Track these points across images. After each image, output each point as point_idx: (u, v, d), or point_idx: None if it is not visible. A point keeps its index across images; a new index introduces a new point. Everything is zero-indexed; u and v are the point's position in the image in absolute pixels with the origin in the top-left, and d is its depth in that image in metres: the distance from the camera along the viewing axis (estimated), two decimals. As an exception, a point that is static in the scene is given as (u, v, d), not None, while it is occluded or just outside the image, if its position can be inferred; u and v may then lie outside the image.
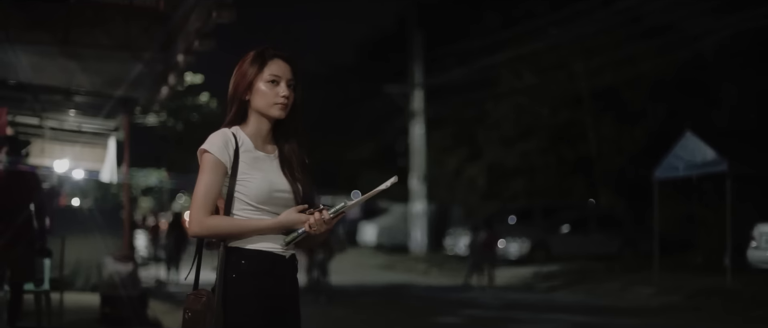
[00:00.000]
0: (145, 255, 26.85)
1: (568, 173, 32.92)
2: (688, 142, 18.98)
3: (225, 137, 3.73)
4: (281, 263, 3.79)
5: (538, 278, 23.31)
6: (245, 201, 3.72)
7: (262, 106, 3.79)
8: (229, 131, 3.77)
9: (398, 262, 30.78)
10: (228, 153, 3.70)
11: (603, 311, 16.35)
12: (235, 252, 3.70)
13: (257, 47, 3.93)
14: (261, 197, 3.71)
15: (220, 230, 3.69)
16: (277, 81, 3.79)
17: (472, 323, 15.01)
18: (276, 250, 3.75)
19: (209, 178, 3.68)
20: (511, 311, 16.42)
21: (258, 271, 3.71)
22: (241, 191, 3.71)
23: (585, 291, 20.14)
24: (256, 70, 3.79)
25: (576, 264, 24.65)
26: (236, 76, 3.84)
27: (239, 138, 3.76)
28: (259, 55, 3.84)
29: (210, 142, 3.72)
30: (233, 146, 3.72)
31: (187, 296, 3.74)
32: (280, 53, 3.86)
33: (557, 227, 28.03)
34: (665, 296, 17.98)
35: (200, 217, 3.67)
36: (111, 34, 11.75)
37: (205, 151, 3.71)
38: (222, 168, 3.69)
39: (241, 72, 3.83)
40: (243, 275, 3.68)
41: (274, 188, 3.74)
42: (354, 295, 19.86)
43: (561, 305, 17.63)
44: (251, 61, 3.82)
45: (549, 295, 20.05)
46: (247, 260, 3.70)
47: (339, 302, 17.51)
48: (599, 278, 21.78)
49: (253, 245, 3.71)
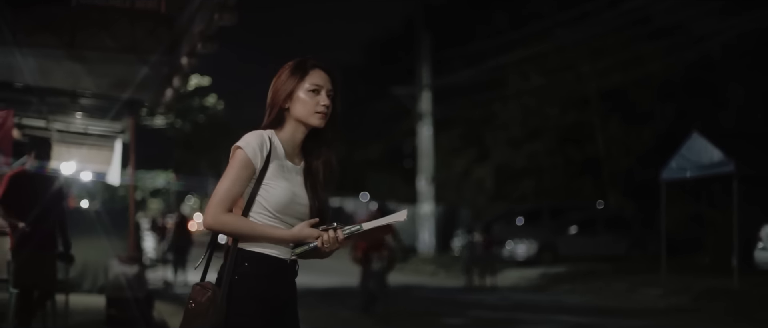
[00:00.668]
0: (153, 257, 26.89)
1: (576, 174, 32.90)
2: (695, 143, 18.95)
3: (261, 139, 3.75)
4: (283, 268, 3.83)
5: (546, 279, 23.30)
6: (264, 206, 3.75)
7: (302, 114, 3.82)
8: (266, 134, 3.79)
9: (406, 264, 30.77)
10: (261, 155, 3.73)
11: (609, 313, 16.33)
12: (240, 253, 3.74)
13: (298, 57, 3.98)
14: (281, 206, 3.75)
15: (233, 229, 3.72)
16: (318, 90, 3.82)
17: (478, 324, 15.00)
18: (278, 254, 3.78)
19: (236, 175, 3.72)
20: (517, 313, 16.41)
21: (259, 274, 3.74)
22: (263, 195, 3.75)
23: (592, 292, 20.13)
24: (297, 79, 3.83)
25: (584, 265, 24.63)
26: (276, 84, 3.88)
27: (274, 142, 3.79)
28: (300, 64, 3.88)
29: (246, 141, 3.73)
30: (267, 150, 3.75)
31: (193, 286, 3.77)
32: (321, 64, 3.90)
33: (565, 228, 28.02)
34: (672, 297, 17.96)
35: (217, 211, 3.70)
36: (116, 37, 11.79)
37: (239, 148, 3.73)
38: (251, 169, 3.72)
39: (281, 80, 3.86)
40: (245, 276, 3.72)
41: (295, 200, 3.78)
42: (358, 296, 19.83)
43: (567, 307, 17.61)
44: (292, 71, 3.86)
45: (556, 296, 20.02)
46: (250, 262, 3.74)
47: (344, 304, 17.53)
48: (607, 280, 21.76)
49: (258, 249, 3.75)
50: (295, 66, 3.88)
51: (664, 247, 20.08)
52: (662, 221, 20.41)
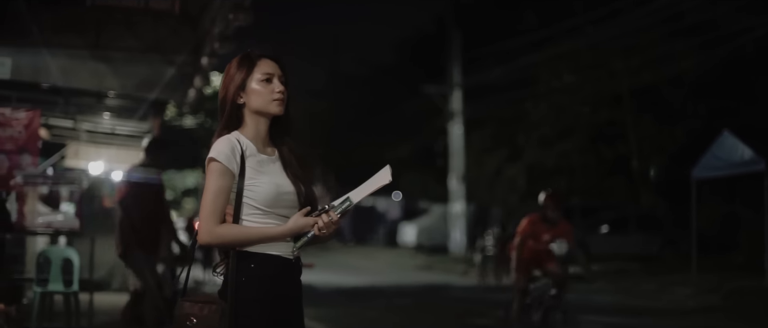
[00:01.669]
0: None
1: (608, 173, 32.65)
2: (726, 142, 18.77)
3: (231, 144, 3.75)
4: (288, 267, 3.83)
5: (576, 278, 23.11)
6: (254, 206, 3.75)
7: (260, 104, 3.82)
8: (233, 137, 3.78)
9: (437, 263, 30.73)
10: (235, 160, 3.72)
11: (637, 312, 16.22)
12: (245, 256, 3.73)
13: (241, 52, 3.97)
14: (269, 200, 3.75)
15: (231, 239, 3.71)
16: (269, 79, 3.83)
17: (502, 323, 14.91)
18: (282, 253, 3.79)
19: (218, 186, 3.70)
20: (545, 312, 16.29)
21: (266, 275, 3.74)
22: (250, 196, 3.74)
23: (622, 292, 19.99)
24: (245, 72, 3.83)
25: (614, 264, 24.46)
26: (225, 81, 3.86)
27: (243, 143, 3.78)
28: (245, 57, 3.89)
29: (217, 150, 3.73)
30: (239, 153, 3.74)
31: (180, 303, 3.74)
32: (267, 53, 3.91)
33: (596, 227, 27.83)
34: (702, 296, 17.80)
35: (210, 226, 3.69)
36: (140, 38, 11.88)
37: (213, 160, 3.72)
38: (229, 175, 3.71)
39: (230, 76, 3.85)
40: (252, 278, 3.72)
41: (280, 191, 3.78)
42: (390, 296, 19.86)
43: (597, 306, 17.48)
44: (239, 65, 3.86)
45: (585, 296, 19.86)
46: (256, 264, 3.73)
47: (372, 304, 17.52)
48: (637, 279, 21.62)
49: (262, 249, 3.74)
50: (241, 60, 3.88)
51: (695, 246, 19.90)
52: (693, 219, 20.23)
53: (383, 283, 22.94)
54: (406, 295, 20.36)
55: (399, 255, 34.42)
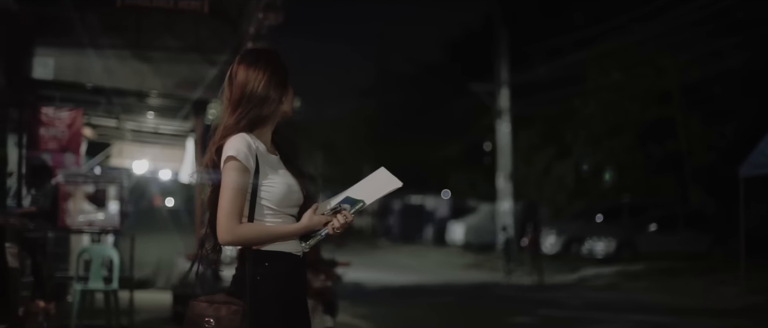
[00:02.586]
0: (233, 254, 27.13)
1: (657, 171, 32.37)
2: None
3: (247, 142, 3.72)
4: (297, 263, 3.83)
5: (623, 277, 22.98)
6: (269, 206, 3.74)
7: (289, 108, 3.92)
8: (247, 136, 3.75)
9: (485, 261, 30.57)
10: (252, 157, 3.71)
11: (683, 312, 16.03)
12: (258, 254, 3.72)
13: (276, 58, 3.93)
14: (283, 200, 3.76)
15: (252, 238, 3.69)
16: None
17: (546, 323, 14.85)
18: (293, 250, 3.79)
19: (237, 184, 3.67)
20: (589, 311, 16.21)
21: (279, 272, 3.74)
22: (265, 196, 3.74)
23: (668, 290, 19.77)
24: (281, 91, 3.85)
25: (663, 263, 24.21)
26: (265, 77, 3.81)
27: (255, 142, 3.77)
28: (284, 65, 3.90)
29: (235, 149, 3.68)
30: (254, 151, 3.73)
31: (194, 303, 3.72)
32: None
33: (644, 225, 27.60)
34: (750, 296, 17.57)
35: (231, 226, 3.66)
36: (180, 37, 11.95)
37: (232, 158, 3.67)
38: (248, 174, 3.69)
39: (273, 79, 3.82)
40: (266, 277, 3.71)
41: (291, 190, 3.79)
42: (436, 294, 19.83)
43: (642, 305, 17.33)
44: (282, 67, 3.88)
45: (631, 294, 19.71)
46: (269, 261, 3.73)
47: (416, 303, 17.51)
48: (685, 278, 21.39)
49: (275, 247, 3.74)
50: (280, 62, 3.88)
51: (743, 245, 19.61)
52: (742, 218, 19.94)
53: (429, 281, 22.90)
54: (451, 293, 20.31)
55: (447, 254, 34.33)
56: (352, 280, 22.63)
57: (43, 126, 12.02)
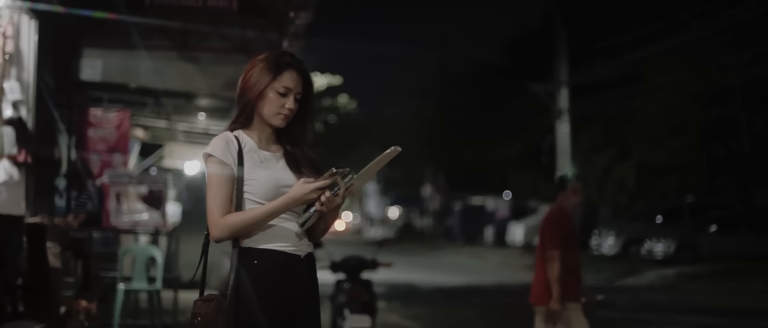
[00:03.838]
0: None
1: (719, 171, 31.87)
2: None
3: (225, 139, 3.73)
4: (296, 263, 3.75)
5: (682, 278, 22.65)
6: (254, 201, 3.70)
7: (265, 113, 3.78)
8: (231, 134, 3.76)
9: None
10: (231, 154, 3.69)
11: (739, 314, 15.77)
12: (248, 252, 3.68)
13: (273, 51, 3.91)
14: (268, 194, 3.69)
15: (240, 225, 3.65)
16: (286, 93, 3.76)
17: (599, 324, 14.61)
18: (289, 249, 3.72)
19: (218, 179, 3.67)
20: (643, 313, 15.99)
21: (271, 271, 3.68)
22: (249, 190, 3.70)
23: (726, 292, 19.44)
24: (270, 78, 3.75)
25: (723, 265, 23.80)
26: (248, 78, 3.79)
27: (242, 140, 3.75)
28: (275, 62, 3.79)
29: (212, 146, 3.72)
30: (236, 148, 3.71)
31: (194, 302, 3.72)
32: (296, 63, 3.82)
33: (705, 226, 27.14)
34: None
35: (215, 219, 3.65)
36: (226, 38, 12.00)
37: (209, 155, 3.71)
38: (228, 168, 3.68)
39: (254, 76, 3.77)
40: (256, 275, 3.66)
41: (280, 184, 3.72)
42: (488, 295, 19.74)
43: (697, 307, 17.07)
44: (267, 67, 3.77)
45: (688, 296, 19.41)
46: (259, 259, 3.68)
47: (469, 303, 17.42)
48: (745, 280, 21.00)
49: (265, 245, 3.69)
50: (270, 63, 3.79)
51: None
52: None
53: (484, 282, 22.79)
54: (505, 294, 20.14)
55: (507, 255, 34.15)
56: (406, 281, 22.65)
57: (92, 127, 12.16)
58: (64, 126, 11.69)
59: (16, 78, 10.11)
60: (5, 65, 9.93)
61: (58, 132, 11.52)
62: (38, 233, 8.99)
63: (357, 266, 9.71)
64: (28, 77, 10.28)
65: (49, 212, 10.44)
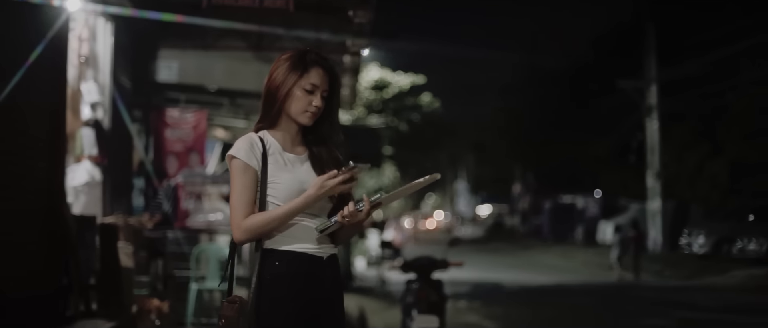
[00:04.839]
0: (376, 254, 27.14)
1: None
2: None
3: (250, 141, 3.73)
4: (318, 264, 3.73)
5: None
6: (276, 204, 3.68)
7: (292, 111, 3.77)
8: (256, 135, 3.76)
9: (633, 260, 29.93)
10: (255, 156, 3.69)
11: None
12: (270, 254, 3.67)
13: (298, 50, 3.90)
14: (291, 197, 3.67)
15: (258, 226, 3.64)
16: (313, 91, 3.75)
17: (680, 325, 14.37)
18: (311, 251, 3.71)
19: (241, 182, 3.67)
20: (727, 314, 15.59)
21: (293, 272, 3.67)
22: (272, 193, 3.69)
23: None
24: (297, 76, 3.74)
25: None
26: (274, 78, 3.79)
27: (266, 141, 3.74)
28: (301, 59, 3.78)
29: (236, 148, 3.71)
30: (260, 150, 3.70)
31: (222, 303, 3.73)
32: (322, 61, 3.81)
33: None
34: None
35: (237, 221, 3.65)
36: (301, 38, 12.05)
37: (233, 157, 3.70)
38: (251, 171, 3.68)
39: (280, 75, 3.77)
40: (278, 277, 3.65)
41: (303, 188, 3.69)
42: (573, 295, 19.53)
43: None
44: (293, 65, 3.77)
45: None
46: (281, 261, 3.66)
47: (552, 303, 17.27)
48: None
49: (287, 247, 3.68)
50: (296, 61, 3.78)
51: None
52: None
53: (571, 282, 22.56)
54: (591, 294, 19.90)
55: (596, 254, 33.70)
56: (492, 280, 22.56)
57: (169, 128, 12.32)
58: (141, 127, 11.87)
59: (93, 80, 10.31)
60: (81, 67, 10.13)
61: (136, 133, 11.70)
62: (111, 232, 9.15)
63: (427, 266, 9.64)
64: (105, 79, 10.47)
65: (126, 212, 10.62)
